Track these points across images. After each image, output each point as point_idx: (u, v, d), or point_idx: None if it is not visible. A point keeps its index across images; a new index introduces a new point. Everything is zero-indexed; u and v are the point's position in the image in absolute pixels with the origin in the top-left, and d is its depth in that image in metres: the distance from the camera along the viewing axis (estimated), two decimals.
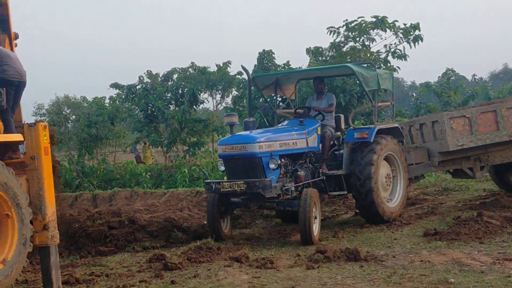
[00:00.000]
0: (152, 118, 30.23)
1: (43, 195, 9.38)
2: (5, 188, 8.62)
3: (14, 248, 8.78)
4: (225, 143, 12.07)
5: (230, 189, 11.68)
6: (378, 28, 23.66)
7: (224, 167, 12.12)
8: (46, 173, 9.42)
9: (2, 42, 11.38)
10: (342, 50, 23.55)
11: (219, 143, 12.30)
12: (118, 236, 12.86)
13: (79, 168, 26.84)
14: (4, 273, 8.54)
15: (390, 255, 10.38)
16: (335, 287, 8.64)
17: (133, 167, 26.99)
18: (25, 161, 9.47)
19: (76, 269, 10.96)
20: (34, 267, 11.03)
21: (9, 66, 10.05)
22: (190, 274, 9.89)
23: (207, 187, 12.19)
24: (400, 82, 78.16)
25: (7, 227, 8.75)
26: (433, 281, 8.65)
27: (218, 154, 12.21)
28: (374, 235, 12.08)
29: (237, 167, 11.90)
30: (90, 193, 21.43)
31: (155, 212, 15.82)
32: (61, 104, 42.39)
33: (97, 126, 32.50)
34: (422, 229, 12.16)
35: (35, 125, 9.44)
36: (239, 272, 9.70)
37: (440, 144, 14.08)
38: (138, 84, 32.24)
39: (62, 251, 11.89)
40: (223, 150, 11.99)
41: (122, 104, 34.40)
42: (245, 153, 11.74)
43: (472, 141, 14.01)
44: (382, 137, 13.27)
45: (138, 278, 9.86)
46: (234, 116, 12.52)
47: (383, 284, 8.64)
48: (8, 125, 9.94)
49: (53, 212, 9.52)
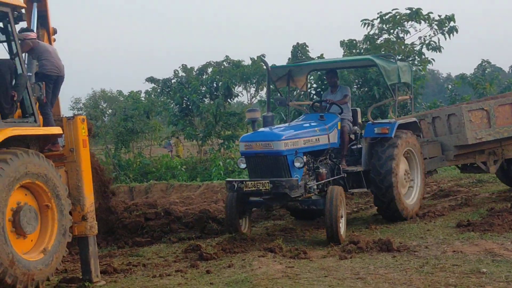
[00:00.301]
0: (187, 112, 30.45)
1: (81, 187, 9.64)
2: (45, 179, 8.88)
3: (54, 238, 9.04)
4: (248, 140, 11.56)
5: (254, 188, 11.19)
6: (413, 20, 23.50)
7: (246, 165, 11.63)
8: (85, 165, 9.68)
9: (41, 37, 11.67)
10: (376, 43, 23.48)
11: (242, 139, 11.84)
12: (154, 227, 13.08)
13: (115, 161, 27.23)
14: (44, 262, 8.81)
15: (422, 245, 10.48)
16: (368, 276, 8.76)
17: (168, 160, 27.30)
18: (64, 153, 9.74)
19: (114, 259, 11.21)
20: (73, 257, 11.27)
21: (48, 61, 10.31)
22: (225, 264, 10.09)
23: (229, 186, 11.56)
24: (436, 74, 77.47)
25: (47, 217, 9.02)
26: (465, 271, 8.75)
27: (240, 151, 11.72)
28: (407, 227, 12.16)
29: (261, 165, 11.40)
30: (127, 186, 21.74)
31: (191, 204, 16.06)
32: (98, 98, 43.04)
33: (133, 120, 32.82)
34: (455, 220, 12.21)
35: (73, 118, 9.70)
36: (273, 262, 9.86)
37: (456, 138, 13.73)
38: (173, 78, 32.47)
39: (100, 242, 12.11)
40: (246, 147, 11.51)
41: (157, 98, 34.69)
42: (270, 151, 11.26)
43: (490, 134, 13.72)
44: (403, 131, 12.85)
45: (174, 268, 10.08)
46: (256, 111, 11.93)
47: (415, 274, 8.75)
48: (47, 118, 10.21)
49: (91, 203, 9.77)
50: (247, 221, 12.08)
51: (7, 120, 8.87)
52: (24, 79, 9.29)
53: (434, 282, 8.30)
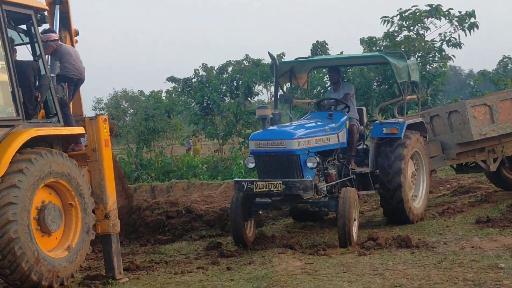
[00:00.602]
0: (208, 111, 30.56)
1: (104, 186, 9.83)
2: (68, 178, 9.08)
3: (78, 236, 9.25)
4: (259, 138, 11.03)
5: (265, 189, 10.63)
6: (433, 17, 23.41)
7: (255, 164, 11.07)
8: (107, 164, 9.87)
9: (63, 39, 11.87)
10: (396, 40, 23.47)
11: (251, 138, 11.25)
12: (176, 225, 13.27)
13: (137, 160, 27.42)
14: (69, 260, 9.01)
15: (441, 241, 10.58)
16: (386, 272, 8.87)
17: (189, 159, 27.47)
18: (87, 153, 9.92)
19: (137, 257, 11.40)
20: (97, 255, 11.46)
21: (69, 63, 10.52)
22: (245, 261, 10.26)
23: (238, 187, 10.98)
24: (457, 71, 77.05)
25: (71, 216, 9.23)
26: (483, 266, 8.84)
27: (250, 150, 11.18)
28: (426, 223, 12.25)
29: (272, 165, 10.88)
30: (149, 185, 21.92)
31: (212, 202, 16.24)
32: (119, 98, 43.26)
33: (154, 119, 32.98)
34: (475, 216, 12.28)
35: (96, 118, 9.89)
36: (293, 259, 9.99)
37: (459, 135, 13.47)
38: (194, 77, 32.61)
39: (123, 239, 12.31)
40: (256, 146, 10.97)
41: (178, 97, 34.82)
42: (283, 150, 10.75)
43: (494, 130, 13.53)
44: (411, 132, 12.47)
45: (195, 265, 10.26)
46: (267, 108, 11.26)
47: (434, 270, 8.85)
48: (68, 118, 10.41)
49: (114, 202, 9.96)
50: (252, 226, 11.53)
51: (31, 120, 9.08)
52: (48, 80, 9.49)
53: (452, 277, 8.39)
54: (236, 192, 11.14)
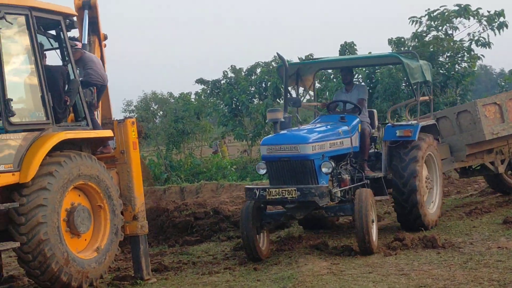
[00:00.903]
0: (237, 112, 30.70)
1: (132, 187, 10.00)
2: (97, 181, 9.26)
3: (106, 237, 9.41)
4: (271, 143, 10.42)
5: (279, 196, 10.00)
6: (461, 17, 23.40)
7: (267, 170, 10.46)
8: (135, 166, 10.05)
9: (92, 43, 12.04)
10: (424, 40, 23.45)
11: (263, 143, 10.65)
12: (204, 226, 13.40)
13: (167, 162, 27.64)
14: (98, 261, 9.18)
15: (467, 242, 10.58)
16: (411, 272, 8.92)
17: (219, 160, 27.63)
18: (115, 155, 10.12)
19: (165, 258, 11.56)
20: (125, 256, 11.66)
21: (93, 70, 10.70)
22: (272, 261, 10.37)
23: (249, 194, 10.30)
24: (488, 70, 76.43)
25: (100, 217, 9.40)
26: (509, 266, 8.84)
27: (262, 155, 10.57)
28: (453, 223, 12.24)
29: (285, 171, 10.29)
30: (178, 186, 22.08)
31: (240, 204, 16.30)
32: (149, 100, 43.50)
33: (183, 121, 33.23)
34: (502, 217, 12.23)
35: (124, 121, 10.08)
36: (319, 259, 10.09)
37: (470, 136, 13.12)
38: (223, 79, 32.77)
39: (151, 241, 12.50)
40: (268, 151, 10.37)
41: (207, 99, 35.01)
42: (297, 155, 10.18)
43: (504, 129, 13.24)
44: (425, 134, 12.06)
45: (223, 266, 10.40)
46: (278, 111, 10.60)
47: (459, 270, 8.88)
48: (94, 122, 10.59)
49: (142, 203, 10.13)
50: (265, 237, 10.87)
51: (61, 124, 9.26)
52: (77, 84, 9.68)
53: (477, 277, 8.42)
54: (247, 201, 10.57)
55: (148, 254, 10.29)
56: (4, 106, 8.50)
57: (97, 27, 12.15)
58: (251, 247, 10.34)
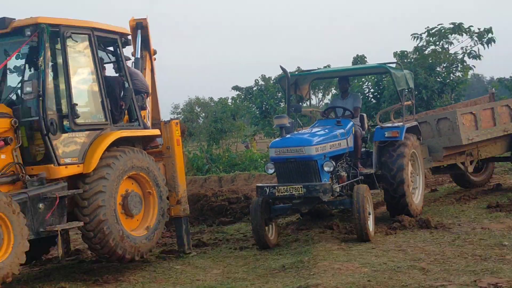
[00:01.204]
0: (266, 114, 30.81)
1: (176, 177, 10.13)
2: (147, 171, 9.39)
3: (155, 218, 9.50)
4: (279, 146, 10.10)
5: (287, 193, 9.77)
6: (456, 33, 23.26)
7: (275, 170, 10.15)
8: (178, 159, 10.19)
9: (144, 57, 12.14)
10: (424, 53, 23.33)
11: (271, 146, 10.32)
12: (236, 210, 13.47)
13: (208, 156, 27.76)
14: (148, 237, 9.32)
15: (456, 223, 10.56)
16: (408, 248, 8.97)
17: (251, 154, 27.68)
18: (162, 150, 10.24)
19: (203, 235, 11.70)
20: (171, 233, 11.77)
21: (138, 81, 10.79)
22: (292, 238, 10.47)
23: (260, 192, 10.01)
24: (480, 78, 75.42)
25: (149, 202, 9.51)
26: (490, 244, 8.86)
27: (270, 157, 10.25)
28: (444, 208, 12.18)
29: (292, 170, 10.01)
30: (217, 176, 22.19)
31: None
32: (193, 104, 43.71)
33: (221, 121, 33.43)
34: (486, 202, 12.15)
35: (169, 122, 10.24)
36: (331, 237, 10.17)
37: (448, 140, 12.76)
38: (254, 86, 32.93)
39: (192, 221, 12.61)
40: (276, 153, 10.06)
41: (241, 103, 35.19)
42: (302, 156, 9.90)
43: (478, 136, 12.99)
44: (409, 134, 11.72)
45: (251, 242, 10.49)
46: (285, 118, 10.35)
47: (448, 247, 8.92)
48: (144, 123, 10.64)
49: (184, 190, 10.25)
50: (273, 229, 10.53)
51: (117, 124, 9.38)
52: (130, 91, 9.79)
53: (462, 253, 8.46)
54: (257, 197, 10.26)
55: (189, 232, 10.42)
56: (70, 110, 8.65)
57: (148, 44, 12.21)
58: (260, 237, 10.10)
